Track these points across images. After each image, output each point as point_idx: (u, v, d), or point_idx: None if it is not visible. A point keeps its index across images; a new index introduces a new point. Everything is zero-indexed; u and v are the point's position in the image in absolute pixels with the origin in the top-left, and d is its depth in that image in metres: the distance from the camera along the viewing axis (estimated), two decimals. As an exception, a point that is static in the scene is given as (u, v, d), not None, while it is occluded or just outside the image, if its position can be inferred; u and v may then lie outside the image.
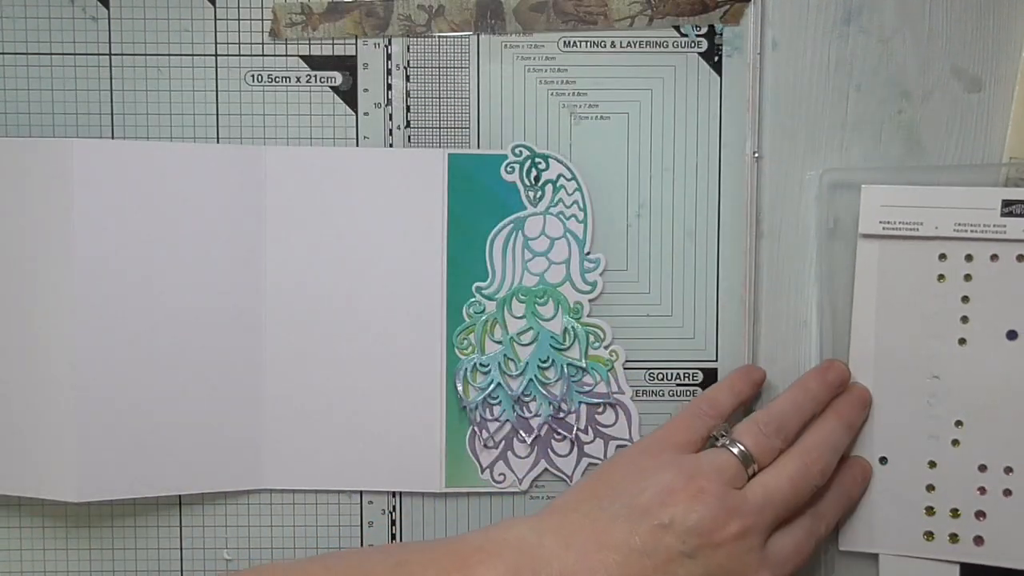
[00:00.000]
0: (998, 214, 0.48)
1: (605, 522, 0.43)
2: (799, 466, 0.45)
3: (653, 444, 0.46)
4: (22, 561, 0.51)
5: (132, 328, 0.48)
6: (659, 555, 0.42)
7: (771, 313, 0.51)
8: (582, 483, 0.46)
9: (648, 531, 0.42)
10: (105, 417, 0.48)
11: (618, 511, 0.43)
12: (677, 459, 0.45)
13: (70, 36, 0.49)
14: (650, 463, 0.45)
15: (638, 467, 0.45)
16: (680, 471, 0.44)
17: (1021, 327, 0.48)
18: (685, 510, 0.42)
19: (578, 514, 0.43)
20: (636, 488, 0.43)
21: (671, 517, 0.42)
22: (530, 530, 0.43)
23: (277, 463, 0.50)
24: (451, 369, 0.50)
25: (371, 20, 0.50)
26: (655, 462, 0.45)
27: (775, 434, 0.46)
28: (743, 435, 0.46)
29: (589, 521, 0.43)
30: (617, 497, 0.43)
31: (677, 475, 0.43)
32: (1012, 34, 0.50)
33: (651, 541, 0.42)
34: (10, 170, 0.48)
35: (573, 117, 0.50)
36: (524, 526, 0.43)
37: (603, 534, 0.42)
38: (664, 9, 0.49)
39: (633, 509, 0.43)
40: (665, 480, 0.43)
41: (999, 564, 0.49)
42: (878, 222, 0.48)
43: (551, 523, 0.43)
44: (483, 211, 0.50)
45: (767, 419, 0.46)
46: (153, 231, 0.48)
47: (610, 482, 0.44)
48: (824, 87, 0.50)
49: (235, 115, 0.50)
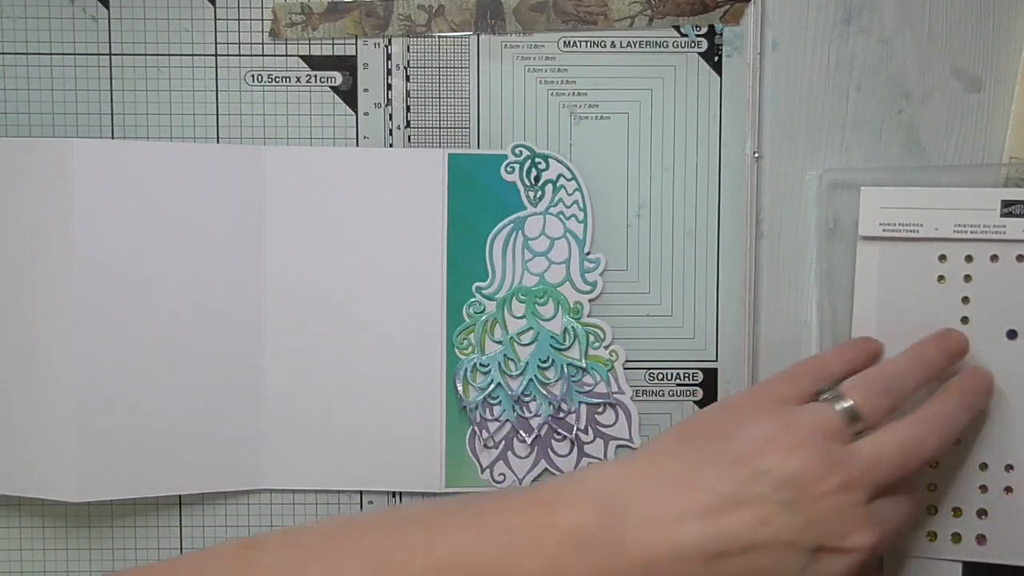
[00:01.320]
0: (998, 215, 0.48)
1: (696, 467, 0.40)
2: (913, 435, 0.42)
3: (752, 395, 0.44)
4: (22, 561, 0.51)
5: (132, 328, 0.48)
6: (752, 504, 0.39)
7: (771, 313, 0.51)
8: (674, 429, 0.43)
9: (742, 479, 0.40)
10: (105, 417, 0.48)
11: (710, 456, 0.40)
12: (777, 409, 0.42)
13: (70, 36, 0.49)
14: (747, 412, 0.42)
15: (734, 415, 0.42)
16: (779, 421, 0.41)
17: (1021, 327, 0.48)
18: (783, 460, 0.40)
19: (670, 457, 0.41)
20: (731, 435, 0.41)
21: (768, 466, 0.40)
22: (617, 472, 0.41)
23: (277, 463, 0.50)
24: (451, 369, 0.50)
25: (371, 20, 0.50)
26: (753, 411, 0.42)
27: (884, 393, 0.43)
28: (850, 391, 0.43)
29: (679, 465, 0.41)
30: (710, 443, 0.41)
31: (776, 425, 0.41)
32: (1012, 34, 0.50)
33: (744, 489, 0.39)
34: (10, 170, 0.48)
35: (573, 117, 0.50)
36: (611, 468, 0.41)
37: (693, 479, 0.40)
38: (664, 9, 0.49)
39: (726, 455, 0.40)
40: (763, 429, 0.41)
41: (1001, 562, 0.49)
42: (878, 224, 0.48)
43: (640, 466, 0.41)
44: (483, 211, 0.50)
45: (877, 376, 0.44)
46: (153, 231, 0.48)
47: (703, 429, 0.42)
48: (824, 87, 0.50)
49: (235, 115, 0.50)
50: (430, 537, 0.39)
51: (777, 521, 0.40)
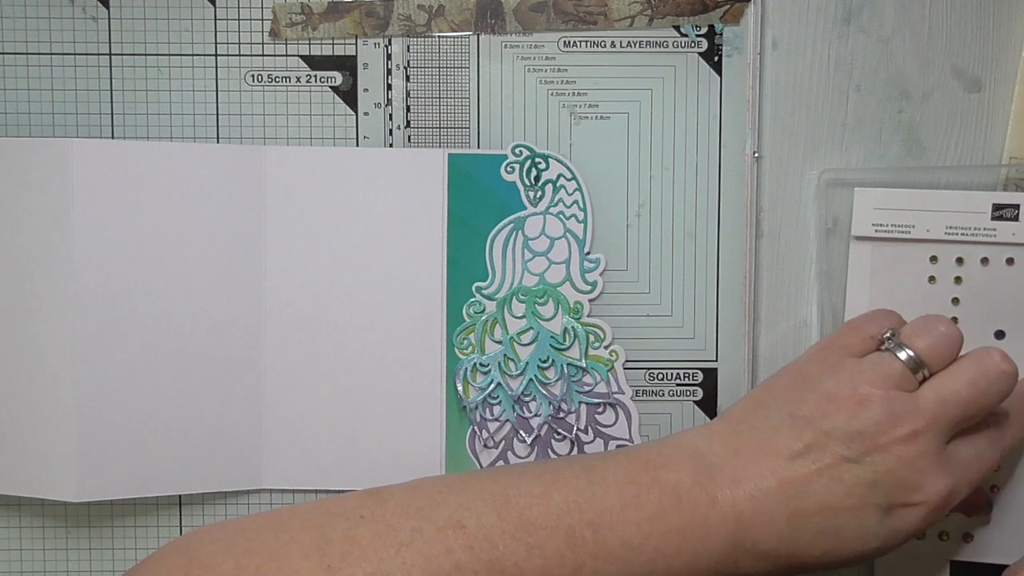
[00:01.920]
0: (988, 217, 0.48)
1: (770, 431, 0.43)
2: (978, 368, 0.43)
3: (822, 348, 0.45)
4: (22, 561, 0.51)
5: (132, 328, 0.48)
6: (823, 461, 0.41)
7: (771, 313, 0.51)
8: (752, 394, 0.45)
9: (811, 438, 0.42)
10: (105, 417, 0.48)
11: (782, 420, 0.43)
12: (840, 364, 0.43)
13: (70, 36, 0.49)
14: (814, 370, 0.44)
15: (802, 375, 0.44)
16: (842, 378, 0.43)
17: (1009, 328, 0.49)
18: (848, 417, 0.42)
19: (745, 424, 0.43)
20: (799, 397, 0.43)
21: (833, 424, 0.42)
22: (702, 439, 0.44)
23: (277, 463, 0.50)
24: (451, 369, 0.50)
25: (371, 20, 0.50)
26: (819, 368, 0.44)
27: (945, 338, 0.43)
28: (910, 338, 0.44)
29: (755, 430, 0.43)
30: (782, 406, 0.43)
31: (839, 382, 0.43)
32: (1012, 34, 0.50)
33: (815, 448, 0.42)
34: (10, 170, 0.48)
35: (573, 117, 0.50)
36: (697, 435, 0.44)
37: (768, 443, 0.42)
38: (664, 9, 0.49)
39: (796, 419, 0.42)
40: (827, 388, 0.43)
41: (987, 560, 0.49)
42: (870, 224, 0.49)
43: (721, 433, 0.44)
44: (483, 211, 0.50)
45: (937, 323, 0.44)
46: (153, 231, 0.48)
47: (776, 392, 0.44)
48: (824, 87, 0.50)
49: (235, 115, 0.50)
50: (546, 487, 0.42)
51: (849, 477, 0.41)
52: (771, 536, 0.41)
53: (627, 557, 0.41)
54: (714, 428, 0.44)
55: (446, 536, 0.40)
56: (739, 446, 0.43)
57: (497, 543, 0.40)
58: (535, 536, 0.40)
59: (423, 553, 0.40)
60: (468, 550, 0.40)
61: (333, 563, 0.39)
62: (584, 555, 0.41)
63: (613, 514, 0.41)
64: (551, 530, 0.41)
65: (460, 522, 0.40)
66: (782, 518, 0.41)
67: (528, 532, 0.40)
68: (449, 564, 0.39)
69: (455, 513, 0.41)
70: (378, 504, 0.41)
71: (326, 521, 0.41)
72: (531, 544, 0.40)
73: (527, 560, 0.40)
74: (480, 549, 0.40)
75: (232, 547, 0.40)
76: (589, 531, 0.41)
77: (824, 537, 0.42)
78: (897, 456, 0.41)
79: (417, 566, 0.39)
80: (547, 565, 0.40)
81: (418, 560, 0.39)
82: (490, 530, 0.40)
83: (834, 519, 0.42)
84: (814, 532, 0.42)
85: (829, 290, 0.50)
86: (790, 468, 0.42)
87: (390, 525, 0.40)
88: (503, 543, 0.40)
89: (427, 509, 0.41)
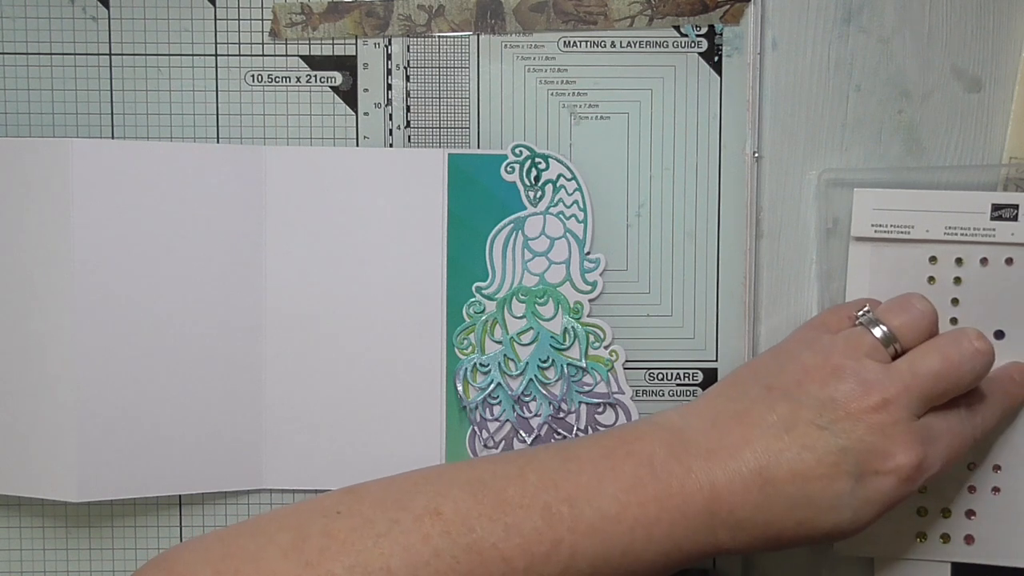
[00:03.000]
0: (987, 218, 0.48)
1: (746, 403, 0.43)
2: (953, 344, 0.43)
3: (801, 328, 0.46)
4: (22, 561, 0.51)
5: (132, 328, 0.48)
6: (796, 430, 0.42)
7: (771, 313, 0.51)
8: (731, 373, 0.46)
9: (785, 409, 0.42)
10: (105, 417, 0.48)
11: (758, 393, 0.43)
12: (816, 338, 0.45)
13: (70, 36, 0.49)
14: (791, 346, 0.45)
15: (779, 353, 0.45)
16: (816, 350, 0.44)
17: (1009, 328, 0.49)
18: (820, 387, 0.42)
19: (722, 398, 0.44)
20: (776, 369, 0.44)
21: (806, 393, 0.42)
22: (679, 415, 0.44)
23: (277, 463, 0.50)
24: (451, 369, 0.50)
25: (371, 20, 0.50)
26: (796, 345, 0.45)
27: (920, 316, 0.44)
28: (885, 315, 0.45)
29: (731, 402, 0.44)
30: (757, 382, 0.44)
31: (813, 355, 0.44)
32: (1012, 34, 0.50)
33: (788, 418, 0.42)
34: (10, 170, 0.48)
35: (573, 117, 0.50)
36: (673, 413, 0.45)
37: (743, 413, 0.43)
38: (664, 9, 0.49)
39: (771, 390, 0.43)
40: (802, 360, 0.44)
41: (989, 562, 0.49)
42: (870, 225, 0.49)
43: (698, 408, 0.44)
44: (483, 211, 0.50)
45: (912, 301, 0.45)
46: (153, 231, 0.48)
47: (754, 369, 0.45)
48: (824, 87, 0.50)
49: (235, 115, 0.50)
50: (521, 468, 0.42)
51: (820, 445, 0.42)
52: (746, 504, 0.42)
53: (606, 529, 0.41)
54: (691, 405, 0.45)
55: (423, 524, 0.40)
56: (715, 418, 0.43)
57: (474, 526, 0.40)
58: (512, 515, 0.41)
59: (401, 543, 0.40)
60: (446, 535, 0.40)
61: (311, 559, 0.39)
62: (562, 530, 0.41)
63: (590, 488, 0.42)
64: (527, 508, 0.41)
65: (437, 509, 0.41)
66: (756, 486, 0.42)
67: (504, 512, 0.41)
68: (427, 551, 0.40)
69: (431, 501, 0.41)
70: (355, 500, 0.42)
71: (303, 519, 0.41)
72: (508, 524, 0.40)
73: (505, 540, 0.40)
74: (457, 533, 0.40)
75: (209, 555, 0.40)
76: (566, 506, 0.41)
77: (797, 507, 0.42)
78: (868, 424, 0.42)
79: (396, 556, 0.39)
80: (525, 543, 0.40)
81: (396, 549, 0.39)
82: (467, 514, 0.41)
83: (806, 487, 0.42)
84: (787, 501, 0.42)
85: (829, 290, 0.50)
86: (763, 437, 0.42)
87: (367, 518, 0.40)
88: (480, 525, 0.40)
89: (404, 500, 0.41)
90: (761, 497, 0.42)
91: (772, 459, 0.42)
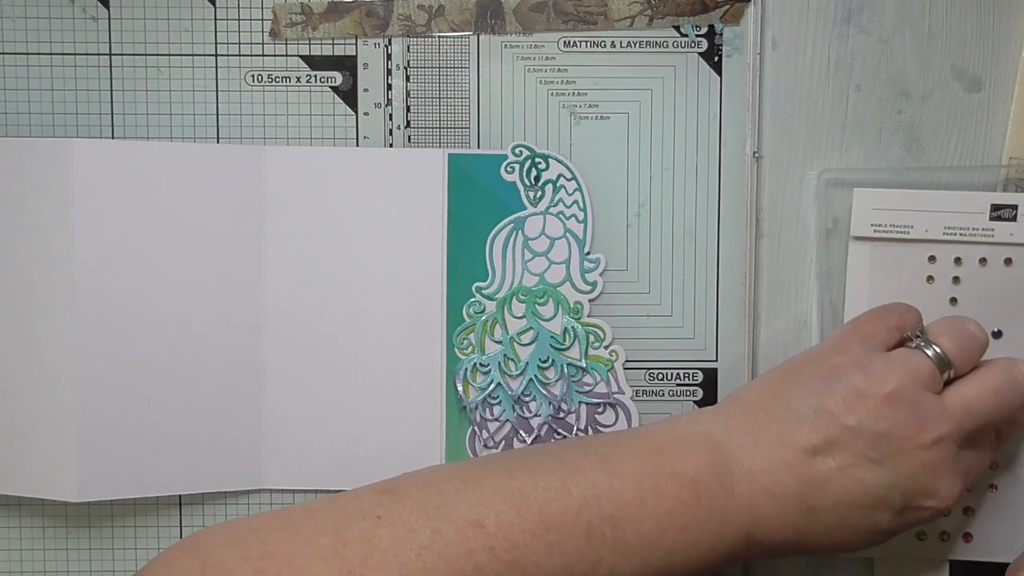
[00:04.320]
0: (987, 218, 0.48)
1: (792, 423, 0.42)
2: (1006, 378, 0.43)
3: (842, 338, 0.44)
4: (22, 561, 0.51)
5: (132, 328, 0.48)
6: (844, 460, 0.41)
7: (771, 313, 0.51)
8: (768, 378, 0.44)
9: (834, 434, 0.41)
10: (105, 417, 0.48)
11: (805, 413, 0.42)
12: (867, 358, 0.42)
13: (70, 36, 0.49)
14: (839, 361, 0.43)
15: (827, 365, 0.43)
16: (869, 373, 0.42)
17: (1007, 327, 0.49)
18: (875, 416, 0.41)
19: (764, 412, 0.43)
20: (824, 388, 0.42)
21: (859, 421, 0.41)
22: (719, 426, 0.43)
23: (277, 463, 0.50)
24: (451, 369, 0.50)
25: (371, 20, 0.50)
26: (844, 360, 0.43)
27: (972, 339, 0.43)
28: (940, 336, 0.43)
29: (776, 421, 0.42)
30: (804, 398, 0.42)
31: (866, 377, 0.42)
32: (1012, 34, 0.50)
33: (837, 445, 0.41)
34: (10, 170, 0.48)
35: (573, 117, 0.50)
36: (712, 421, 0.43)
37: (789, 435, 0.42)
38: (664, 9, 0.49)
39: (820, 412, 0.42)
40: (854, 382, 0.42)
41: (987, 559, 0.50)
42: (869, 225, 0.49)
43: (738, 420, 0.43)
44: (483, 211, 0.50)
45: (963, 323, 0.44)
46: (153, 231, 0.48)
47: (797, 380, 0.43)
48: (824, 87, 0.50)
49: (235, 115, 0.50)
50: (564, 481, 0.41)
51: (870, 478, 0.41)
52: (785, 529, 0.42)
53: (645, 552, 0.41)
54: (730, 414, 0.43)
55: (466, 537, 0.39)
56: (758, 436, 0.42)
57: (517, 542, 0.40)
58: (555, 533, 0.40)
59: (444, 556, 0.39)
60: (488, 551, 0.39)
61: (353, 568, 0.38)
62: (603, 551, 0.40)
63: (632, 508, 0.41)
64: (570, 527, 0.40)
65: (479, 521, 0.40)
66: (797, 513, 0.41)
67: (548, 529, 0.40)
68: (471, 566, 0.39)
69: (473, 512, 0.40)
70: (394, 502, 0.41)
71: (342, 522, 0.40)
72: (551, 542, 0.40)
73: (547, 559, 0.40)
74: (501, 550, 0.39)
75: (246, 551, 0.39)
76: (608, 526, 0.41)
77: (833, 530, 0.42)
78: (920, 461, 0.41)
79: (439, 570, 0.39)
80: (567, 562, 0.40)
81: (439, 564, 0.39)
82: (510, 528, 0.40)
83: (847, 515, 0.42)
84: (825, 526, 0.42)
85: (829, 290, 0.50)
86: (810, 464, 0.41)
87: (409, 526, 0.40)
88: (523, 542, 0.40)
89: (445, 508, 0.40)
90: (800, 522, 0.42)
91: (817, 488, 0.41)
